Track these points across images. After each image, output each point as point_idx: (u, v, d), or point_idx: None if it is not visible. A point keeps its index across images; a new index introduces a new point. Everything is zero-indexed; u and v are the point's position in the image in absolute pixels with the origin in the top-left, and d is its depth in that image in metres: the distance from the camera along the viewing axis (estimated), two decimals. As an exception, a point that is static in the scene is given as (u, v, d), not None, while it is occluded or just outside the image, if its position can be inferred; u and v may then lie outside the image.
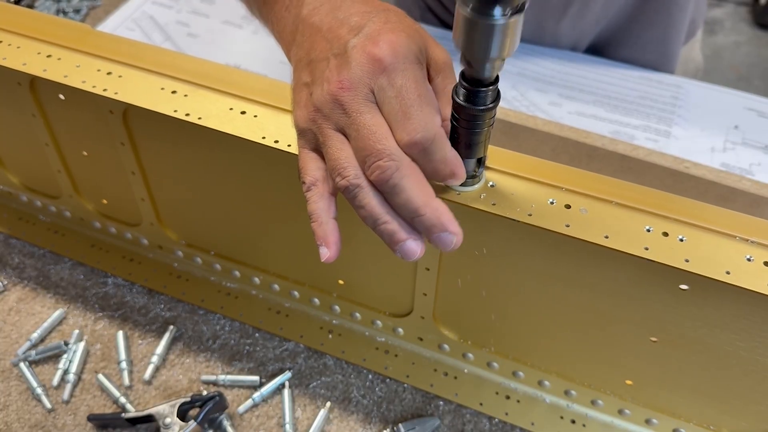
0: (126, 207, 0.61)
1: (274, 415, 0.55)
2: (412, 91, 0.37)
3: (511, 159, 0.44)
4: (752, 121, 0.79)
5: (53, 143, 0.58)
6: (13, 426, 0.54)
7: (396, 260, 0.51)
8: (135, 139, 0.53)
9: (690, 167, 0.65)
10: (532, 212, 0.41)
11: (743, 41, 2.22)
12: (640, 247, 0.39)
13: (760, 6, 2.27)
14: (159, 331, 0.60)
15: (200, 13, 0.93)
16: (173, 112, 0.47)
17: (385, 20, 0.39)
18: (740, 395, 0.47)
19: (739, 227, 0.40)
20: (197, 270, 0.64)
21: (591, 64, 0.85)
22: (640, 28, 0.83)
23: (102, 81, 0.50)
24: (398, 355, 0.58)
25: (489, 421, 0.55)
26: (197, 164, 0.53)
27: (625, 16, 0.83)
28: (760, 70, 2.12)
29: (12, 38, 0.53)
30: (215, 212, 0.57)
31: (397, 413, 0.56)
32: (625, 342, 0.47)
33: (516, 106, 0.80)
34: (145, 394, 0.56)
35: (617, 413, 0.53)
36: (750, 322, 0.41)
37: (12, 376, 0.57)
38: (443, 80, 0.41)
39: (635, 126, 0.78)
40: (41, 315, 0.61)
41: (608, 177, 0.43)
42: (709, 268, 0.38)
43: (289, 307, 0.61)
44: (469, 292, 0.51)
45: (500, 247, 0.46)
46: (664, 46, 0.84)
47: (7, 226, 0.68)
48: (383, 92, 0.37)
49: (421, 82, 0.38)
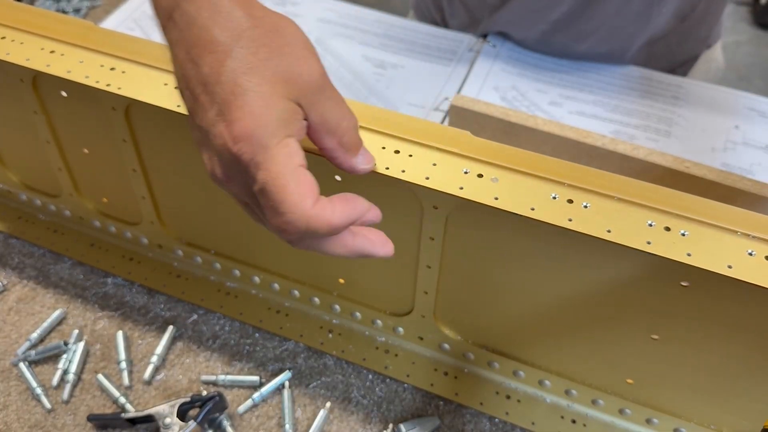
0: (126, 205, 0.61)
1: (274, 415, 0.55)
2: (277, 185, 0.33)
3: (514, 155, 0.44)
4: (753, 120, 0.79)
5: (54, 141, 0.58)
6: (12, 426, 0.54)
7: (397, 259, 0.51)
8: (137, 135, 0.53)
9: (690, 167, 0.64)
10: (534, 207, 0.41)
11: (743, 41, 2.23)
12: (643, 241, 0.39)
13: (760, 6, 2.28)
14: (159, 331, 0.60)
15: (200, 14, 0.93)
16: (176, 107, 0.47)
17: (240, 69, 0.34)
18: (742, 394, 0.47)
19: (741, 222, 0.40)
20: (197, 269, 0.63)
21: (591, 64, 0.86)
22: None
23: (105, 77, 0.50)
24: (398, 355, 0.58)
25: (489, 420, 0.55)
26: (199, 161, 0.52)
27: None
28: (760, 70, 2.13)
29: (15, 34, 0.53)
30: (216, 210, 0.57)
31: (397, 413, 0.55)
32: (627, 340, 0.47)
33: (516, 106, 0.80)
34: (145, 394, 0.56)
35: (618, 413, 0.53)
36: (752, 317, 0.41)
37: (12, 376, 0.57)
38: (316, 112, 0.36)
39: (635, 126, 0.78)
40: (41, 315, 0.61)
41: (610, 173, 0.43)
42: (711, 262, 0.38)
43: (289, 307, 0.61)
44: (470, 290, 0.51)
45: (503, 243, 0.46)
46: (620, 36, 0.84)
47: (7, 226, 0.68)
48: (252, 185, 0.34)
49: (286, 167, 0.33)
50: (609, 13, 0.78)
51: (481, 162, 0.44)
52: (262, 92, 0.34)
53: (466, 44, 0.89)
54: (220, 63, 0.34)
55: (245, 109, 0.33)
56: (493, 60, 0.86)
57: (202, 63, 0.34)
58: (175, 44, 0.36)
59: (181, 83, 0.36)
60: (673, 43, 0.85)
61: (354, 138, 0.39)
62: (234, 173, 0.35)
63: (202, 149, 0.37)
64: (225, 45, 0.34)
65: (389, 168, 0.43)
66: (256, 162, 0.33)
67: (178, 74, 0.37)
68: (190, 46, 0.35)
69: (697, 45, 0.88)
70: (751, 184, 0.63)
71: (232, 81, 0.33)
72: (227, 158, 0.34)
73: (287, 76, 0.34)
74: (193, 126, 0.37)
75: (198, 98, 0.35)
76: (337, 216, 0.35)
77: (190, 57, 0.35)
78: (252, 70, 0.34)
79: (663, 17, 0.80)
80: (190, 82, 0.35)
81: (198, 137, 0.37)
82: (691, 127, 0.79)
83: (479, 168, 0.44)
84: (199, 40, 0.35)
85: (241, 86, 0.33)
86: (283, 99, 0.34)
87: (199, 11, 0.35)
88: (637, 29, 0.80)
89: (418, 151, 0.45)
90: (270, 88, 0.34)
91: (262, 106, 0.33)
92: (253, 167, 0.33)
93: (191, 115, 0.36)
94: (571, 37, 0.82)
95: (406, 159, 0.44)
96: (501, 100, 0.81)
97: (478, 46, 0.89)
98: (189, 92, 0.36)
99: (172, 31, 0.36)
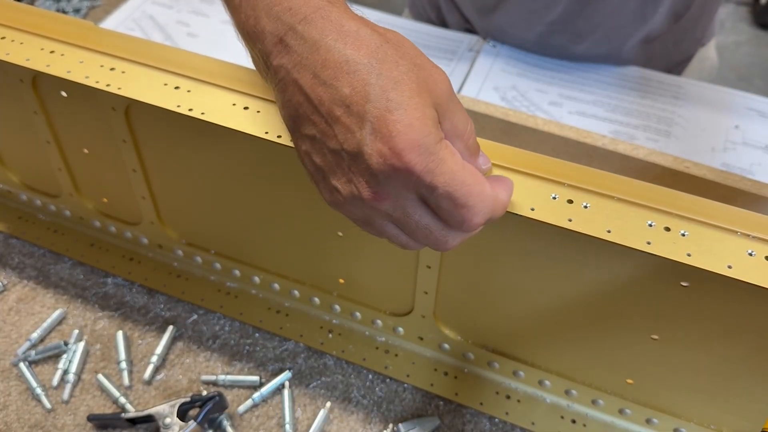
0: (126, 205, 0.61)
1: (274, 415, 0.55)
2: (456, 183, 0.34)
3: (514, 155, 0.44)
4: (753, 120, 0.79)
5: (54, 141, 0.58)
6: (12, 426, 0.54)
7: (397, 259, 0.52)
8: (137, 136, 0.53)
9: (690, 167, 0.65)
10: (534, 207, 0.41)
11: (743, 41, 2.23)
12: (643, 241, 0.39)
13: (760, 6, 2.28)
14: (159, 331, 0.60)
15: (200, 13, 0.93)
16: (176, 107, 0.47)
17: (388, 85, 0.34)
18: (742, 393, 0.47)
19: (741, 223, 0.40)
20: (197, 269, 0.63)
21: (591, 64, 0.86)
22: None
23: (105, 77, 0.50)
24: (398, 355, 0.58)
25: (489, 420, 0.55)
26: (199, 161, 0.53)
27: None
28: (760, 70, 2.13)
29: (15, 34, 0.53)
30: (216, 210, 0.57)
31: (397, 413, 0.55)
32: (626, 340, 0.47)
33: (516, 106, 0.80)
34: (145, 394, 0.56)
35: (618, 413, 0.53)
36: (751, 317, 0.41)
37: (12, 376, 0.57)
38: (449, 120, 0.36)
39: (635, 126, 0.78)
40: (41, 315, 0.61)
41: (610, 173, 0.43)
42: (710, 262, 0.38)
43: (289, 307, 0.61)
44: (470, 290, 0.51)
45: (503, 243, 0.46)
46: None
47: (7, 226, 0.68)
48: (427, 199, 0.35)
49: (456, 165, 0.34)
50: (605, 13, 0.79)
51: (481, 162, 0.44)
52: (416, 103, 0.34)
53: (465, 44, 0.89)
54: (364, 82, 0.34)
55: (405, 122, 0.33)
56: (493, 60, 0.86)
57: (339, 84, 0.34)
58: (294, 69, 0.35)
59: (304, 108, 0.36)
60: (670, 44, 0.85)
61: (476, 141, 0.39)
62: (393, 189, 0.35)
63: (333, 176, 0.36)
64: (363, 64, 0.34)
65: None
66: (431, 170, 0.33)
67: (297, 99, 0.36)
68: (318, 68, 0.35)
69: (693, 45, 0.88)
70: (751, 184, 0.63)
71: (383, 97, 0.33)
72: (386, 175, 0.34)
73: (428, 86, 0.35)
74: (322, 151, 0.36)
75: (339, 120, 0.34)
76: (507, 193, 0.38)
77: (321, 80, 0.34)
78: (400, 84, 0.34)
79: (658, 17, 0.80)
80: (323, 105, 0.35)
81: (328, 162, 0.36)
82: (690, 127, 0.79)
83: (479, 168, 0.44)
84: (330, 62, 0.34)
85: (394, 101, 0.33)
86: (430, 106, 0.35)
87: (323, 33, 0.35)
88: (634, 29, 0.81)
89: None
90: (420, 98, 0.34)
91: (420, 116, 0.34)
92: (428, 175, 0.34)
93: (322, 140, 0.35)
94: (569, 38, 0.82)
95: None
96: (501, 100, 0.81)
97: (478, 46, 0.89)
98: (320, 116, 0.35)
99: (285, 56, 0.36)
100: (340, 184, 0.36)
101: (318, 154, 0.36)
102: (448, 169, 0.34)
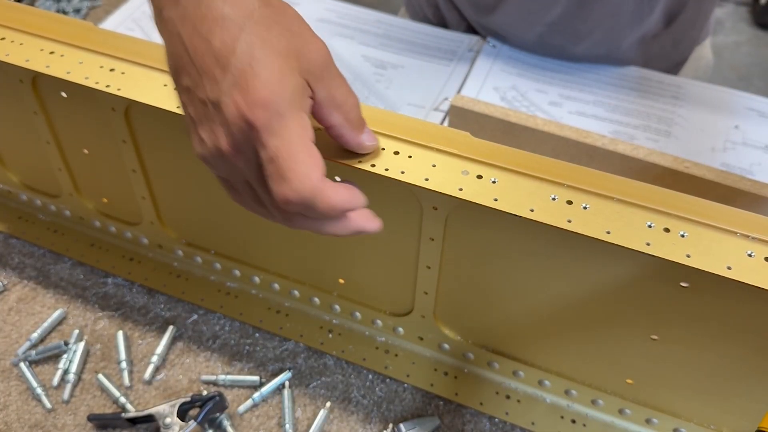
0: (126, 206, 0.61)
1: (274, 415, 0.55)
2: (286, 151, 0.34)
3: (513, 156, 0.44)
4: (752, 120, 0.79)
5: (54, 141, 0.58)
6: (13, 426, 0.54)
7: (397, 259, 0.52)
8: (137, 136, 0.53)
9: (690, 167, 0.65)
10: (534, 208, 0.41)
11: (743, 41, 2.23)
12: (642, 242, 0.39)
13: (760, 6, 2.28)
14: (159, 331, 0.60)
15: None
16: (176, 107, 0.47)
17: (255, 43, 0.35)
18: (741, 394, 0.47)
19: (740, 224, 0.40)
20: (197, 269, 0.64)
21: (591, 65, 0.86)
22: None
23: (105, 77, 0.50)
24: (398, 355, 0.58)
25: (489, 420, 0.55)
26: (198, 161, 0.53)
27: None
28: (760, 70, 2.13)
29: (14, 35, 0.53)
30: (216, 210, 0.57)
31: (397, 413, 0.55)
32: (626, 340, 0.47)
33: (516, 107, 0.80)
34: (145, 394, 0.56)
35: (618, 413, 0.53)
36: (751, 318, 0.41)
37: (12, 376, 0.57)
38: (325, 89, 0.37)
39: (635, 126, 0.78)
40: (41, 315, 0.61)
41: (610, 174, 0.43)
42: (710, 263, 0.38)
43: (289, 307, 0.61)
44: (470, 290, 0.51)
45: (502, 243, 0.46)
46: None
47: (7, 226, 0.68)
48: (259, 154, 0.35)
49: (298, 138, 0.35)
50: (603, 14, 0.79)
51: (481, 163, 0.44)
52: (278, 65, 0.35)
53: (466, 44, 0.89)
54: (234, 37, 0.35)
55: (262, 78, 0.34)
56: (492, 60, 0.86)
57: (213, 38, 0.35)
58: (179, 21, 0.37)
59: (183, 59, 0.37)
60: (669, 44, 0.85)
61: (359, 115, 0.40)
62: (243, 144, 0.35)
63: (201, 125, 0.37)
64: (237, 21, 0.35)
65: (389, 169, 0.44)
66: (271, 128, 0.34)
67: (179, 50, 0.37)
68: (198, 22, 0.36)
69: (691, 45, 0.88)
70: (751, 184, 0.63)
71: (248, 53, 0.35)
72: (238, 127, 0.35)
73: (299, 53, 0.36)
74: (194, 101, 0.37)
75: (207, 71, 0.35)
76: (339, 198, 0.36)
77: (199, 32, 0.36)
78: (266, 44, 0.35)
79: (654, 16, 0.80)
80: (197, 56, 0.36)
81: (198, 112, 0.37)
82: (690, 127, 0.79)
83: (479, 169, 0.44)
84: (209, 17, 0.36)
85: (257, 58, 0.35)
86: (296, 74, 0.36)
87: None
88: (631, 29, 0.81)
89: (417, 152, 0.45)
90: (284, 62, 0.35)
91: (279, 77, 0.35)
92: (267, 133, 0.34)
93: (194, 90, 0.37)
94: (568, 38, 0.82)
95: (405, 160, 0.44)
96: (501, 101, 0.81)
97: (478, 46, 0.89)
98: (194, 67, 0.36)
99: (174, 9, 0.37)
100: (205, 134, 0.37)
101: (191, 105, 0.37)
102: (287, 135, 0.34)
